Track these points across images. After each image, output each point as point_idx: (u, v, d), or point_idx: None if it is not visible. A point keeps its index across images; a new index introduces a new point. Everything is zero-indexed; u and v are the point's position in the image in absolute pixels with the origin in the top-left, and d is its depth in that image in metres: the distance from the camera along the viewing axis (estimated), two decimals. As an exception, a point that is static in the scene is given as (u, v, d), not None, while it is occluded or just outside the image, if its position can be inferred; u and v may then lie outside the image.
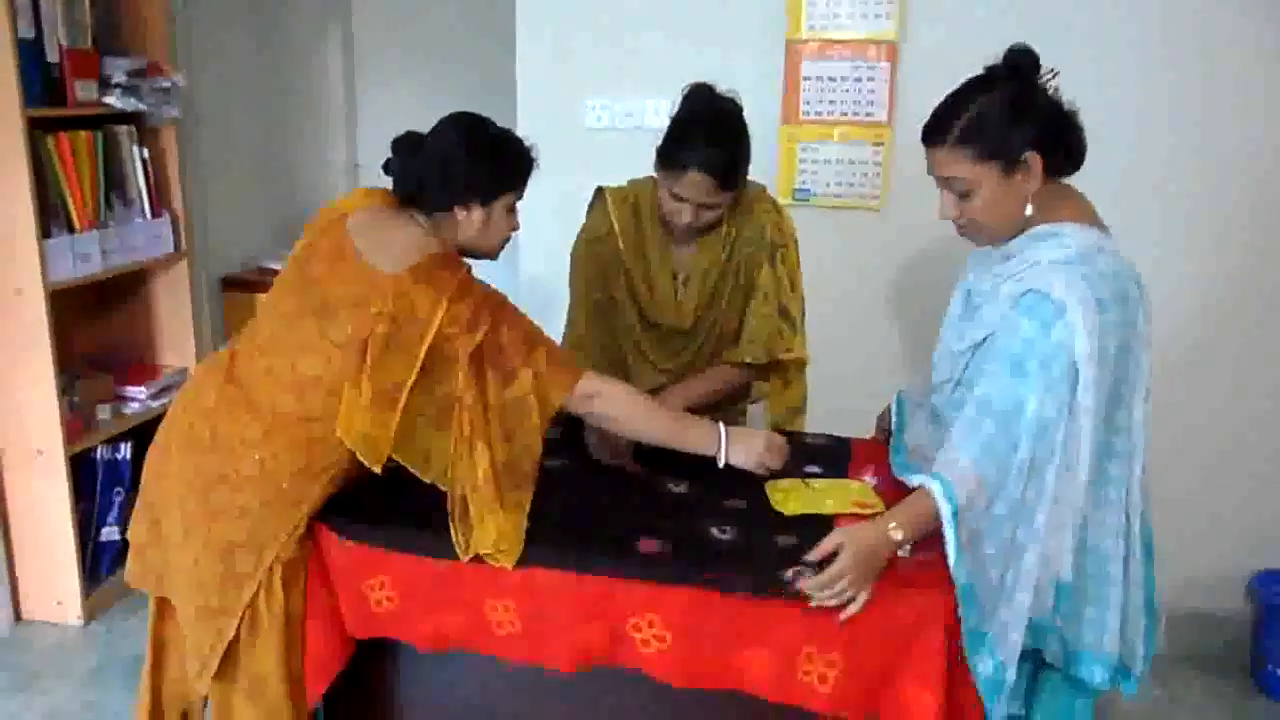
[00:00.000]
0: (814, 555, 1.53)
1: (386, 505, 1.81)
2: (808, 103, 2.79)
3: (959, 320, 1.78)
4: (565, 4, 2.94)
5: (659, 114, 2.86)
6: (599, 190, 2.18)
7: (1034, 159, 1.55)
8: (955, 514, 1.50)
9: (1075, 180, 1.67)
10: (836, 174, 2.83)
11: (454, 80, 4.51)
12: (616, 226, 2.10)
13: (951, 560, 1.52)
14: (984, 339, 1.64)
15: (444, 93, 4.53)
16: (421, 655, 1.79)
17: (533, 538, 1.69)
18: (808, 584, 1.50)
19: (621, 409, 1.78)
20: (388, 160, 1.82)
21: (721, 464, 1.81)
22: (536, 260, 3.16)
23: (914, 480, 1.59)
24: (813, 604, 1.51)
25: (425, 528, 1.74)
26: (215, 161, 3.78)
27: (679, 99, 2.00)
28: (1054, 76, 1.59)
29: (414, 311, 1.65)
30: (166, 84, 2.98)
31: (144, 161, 3.02)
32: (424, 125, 1.84)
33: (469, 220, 1.79)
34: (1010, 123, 1.55)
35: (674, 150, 1.93)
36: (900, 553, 1.60)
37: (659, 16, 2.88)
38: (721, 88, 1.98)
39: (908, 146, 2.75)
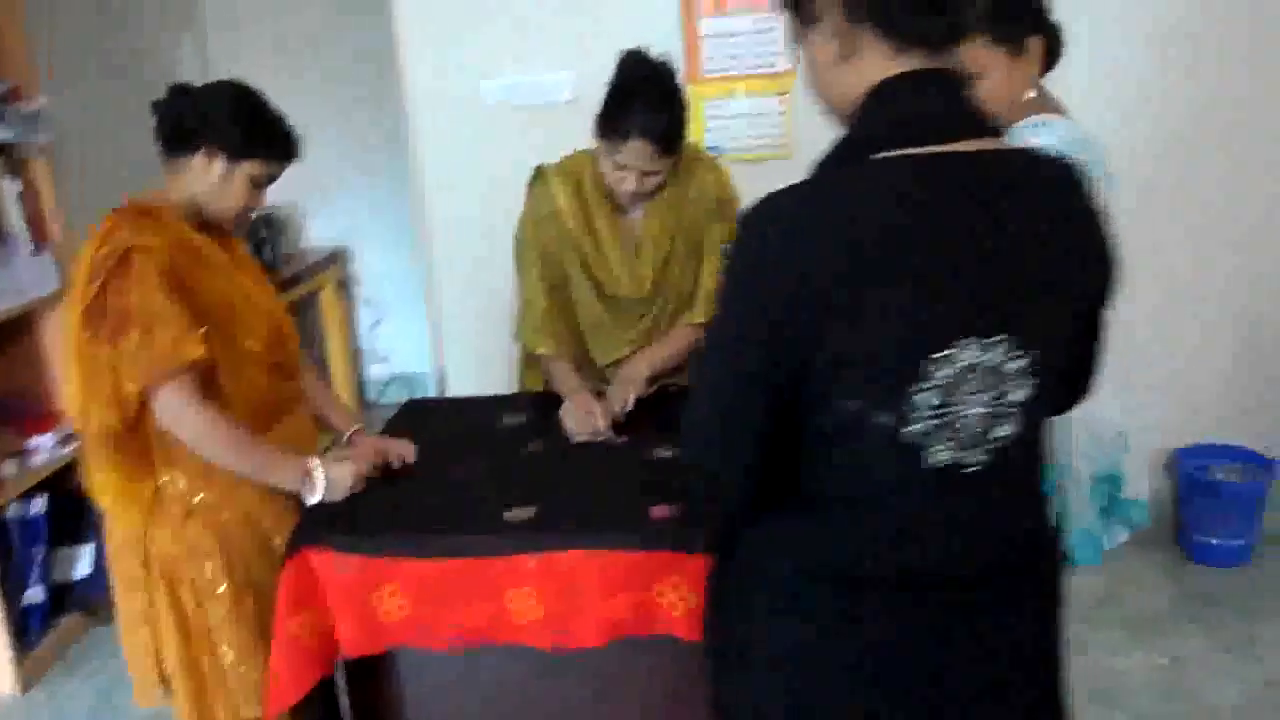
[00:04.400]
0: None
1: (383, 513, 1.78)
2: (710, 59, 2.82)
3: None
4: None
5: (561, 87, 2.84)
6: (538, 170, 2.15)
7: (1036, 44, 1.66)
8: None
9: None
10: (744, 127, 2.87)
11: (325, 72, 4.35)
12: (562, 203, 2.08)
13: None
14: None
15: (314, 85, 4.34)
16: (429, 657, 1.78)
17: (542, 521, 1.70)
18: None
19: (197, 437, 1.71)
20: (156, 100, 1.79)
21: (313, 500, 1.78)
22: (450, 242, 3.10)
23: None
24: None
25: (430, 529, 1.72)
26: (87, 190, 3.55)
27: (601, 69, 1.98)
28: None
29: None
30: (34, 109, 2.77)
31: (19, 195, 2.81)
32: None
33: (209, 171, 1.76)
34: (1018, 9, 1.65)
35: (614, 119, 1.92)
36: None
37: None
38: (654, 53, 1.98)
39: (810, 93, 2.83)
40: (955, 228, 1.01)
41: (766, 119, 2.86)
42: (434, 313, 3.28)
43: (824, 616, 1.14)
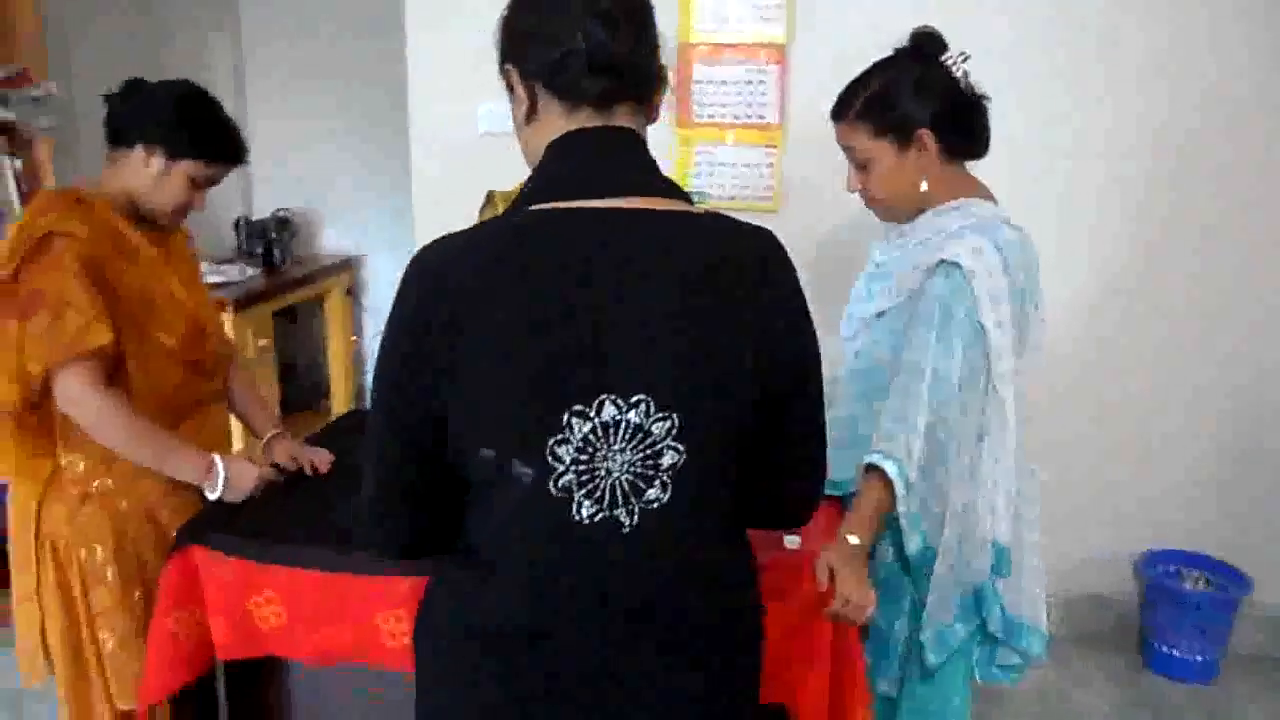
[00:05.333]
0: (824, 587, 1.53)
1: (269, 518, 1.79)
2: (700, 105, 2.81)
3: (865, 290, 1.80)
4: (455, 9, 2.91)
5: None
6: (489, 195, 2.16)
7: (927, 137, 1.61)
8: (908, 491, 1.55)
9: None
10: (732, 176, 2.85)
11: (349, 85, 4.44)
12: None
13: (905, 529, 1.59)
14: (890, 308, 1.70)
15: (336, 101, 4.46)
16: (314, 670, 1.76)
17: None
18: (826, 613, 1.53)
19: (96, 423, 1.71)
20: (108, 93, 1.82)
21: (212, 496, 1.79)
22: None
23: (867, 459, 1.59)
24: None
25: (312, 539, 1.71)
26: (93, 173, 3.65)
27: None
28: (964, 60, 1.62)
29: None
30: (38, 93, 2.86)
31: (16, 174, 2.90)
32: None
33: (148, 166, 1.78)
34: (905, 101, 1.60)
35: None
36: (787, 543, 1.63)
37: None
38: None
39: (799, 148, 2.81)
40: (586, 282, 1.01)
41: (754, 169, 2.84)
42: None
43: (458, 671, 1.15)
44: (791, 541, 1.69)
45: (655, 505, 1.05)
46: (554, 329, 1.00)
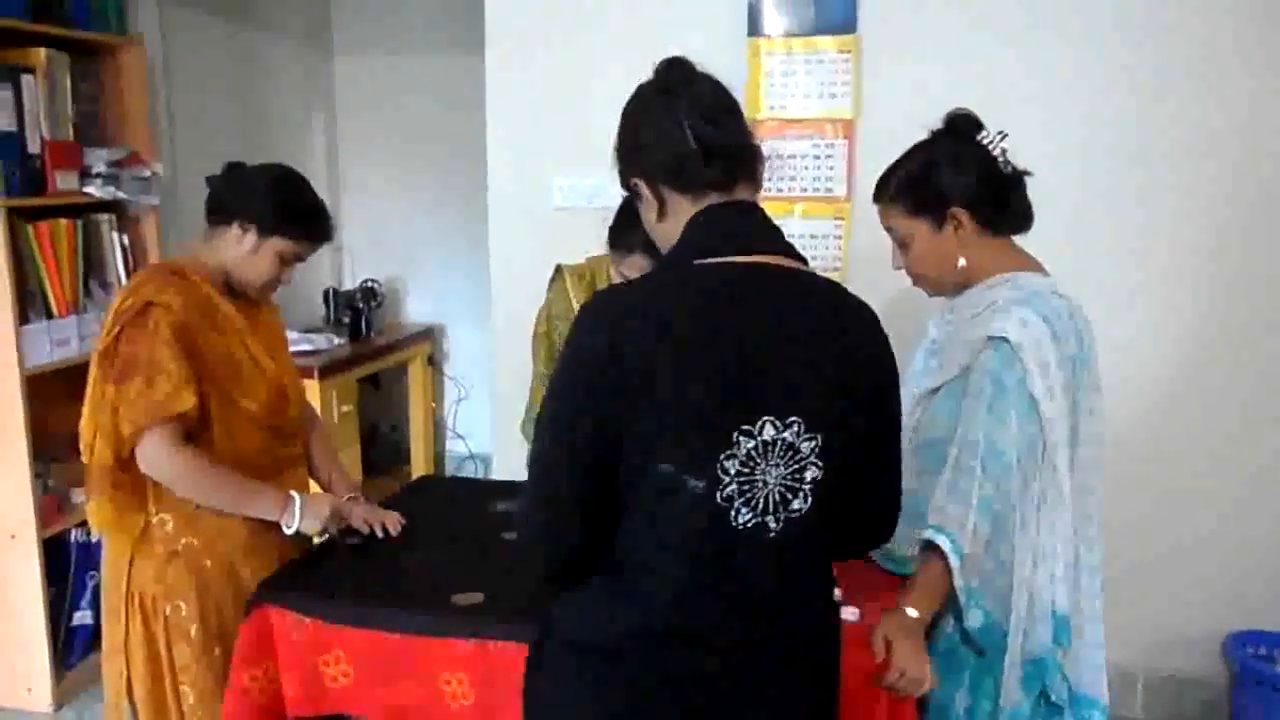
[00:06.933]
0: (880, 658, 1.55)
1: (339, 579, 1.85)
2: (769, 180, 2.85)
3: (922, 365, 1.82)
4: (532, 86, 3.04)
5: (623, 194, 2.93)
6: (558, 269, 2.23)
7: (961, 214, 1.63)
8: (963, 564, 1.55)
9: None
10: (800, 246, 2.87)
11: (433, 163, 4.63)
12: (574, 303, 2.15)
13: (963, 604, 1.59)
14: (940, 385, 1.70)
15: (421, 179, 4.66)
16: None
17: (485, 608, 1.73)
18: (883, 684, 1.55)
19: (174, 479, 1.83)
20: (210, 175, 1.97)
21: (290, 530, 1.89)
22: (510, 336, 3.20)
23: (922, 534, 1.60)
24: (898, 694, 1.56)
25: (378, 601, 1.77)
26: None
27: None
28: (1001, 138, 1.65)
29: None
30: (146, 173, 3.06)
31: (124, 248, 3.09)
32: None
33: (241, 241, 1.89)
34: (938, 180, 1.64)
35: (619, 232, 2.00)
36: (845, 615, 1.63)
37: (623, 95, 2.96)
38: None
39: (866, 218, 2.83)
40: (746, 322, 1.17)
41: (823, 240, 2.87)
42: (497, 398, 3.38)
43: (590, 677, 1.27)
44: (850, 613, 1.69)
45: (797, 514, 1.21)
46: (722, 361, 1.15)
